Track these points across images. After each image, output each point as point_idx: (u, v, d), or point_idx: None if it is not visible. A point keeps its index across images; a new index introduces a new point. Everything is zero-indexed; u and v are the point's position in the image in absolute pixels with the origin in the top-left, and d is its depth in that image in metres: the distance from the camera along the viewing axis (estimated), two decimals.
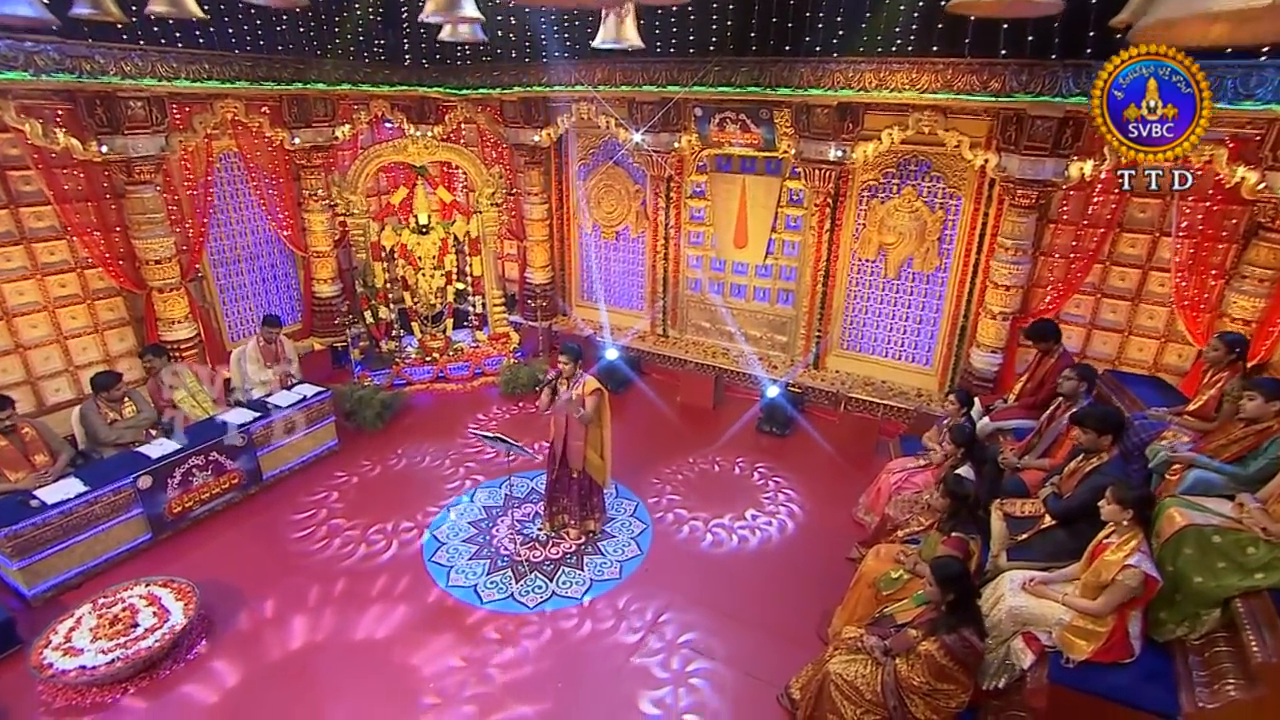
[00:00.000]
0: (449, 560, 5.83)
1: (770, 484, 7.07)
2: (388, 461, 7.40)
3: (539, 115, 9.61)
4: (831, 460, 7.59)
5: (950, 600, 3.73)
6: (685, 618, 5.28)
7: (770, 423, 8.10)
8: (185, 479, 6.11)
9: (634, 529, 6.29)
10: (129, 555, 5.80)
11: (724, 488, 6.96)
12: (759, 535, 6.26)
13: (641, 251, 10.10)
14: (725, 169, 8.96)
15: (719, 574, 5.72)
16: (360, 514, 6.47)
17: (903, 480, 6.07)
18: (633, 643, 5.05)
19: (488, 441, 5.54)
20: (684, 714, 4.49)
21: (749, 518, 6.54)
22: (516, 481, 6.88)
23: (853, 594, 5.08)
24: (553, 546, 6.02)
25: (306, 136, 8.99)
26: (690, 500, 6.76)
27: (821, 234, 8.38)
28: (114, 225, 7.57)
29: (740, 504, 6.73)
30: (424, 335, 9.58)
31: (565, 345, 5.77)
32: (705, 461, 7.48)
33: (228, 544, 6.05)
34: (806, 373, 8.88)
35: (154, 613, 4.87)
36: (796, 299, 8.98)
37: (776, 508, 6.67)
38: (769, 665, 4.85)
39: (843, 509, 6.62)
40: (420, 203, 9.24)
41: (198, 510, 6.26)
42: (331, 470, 7.22)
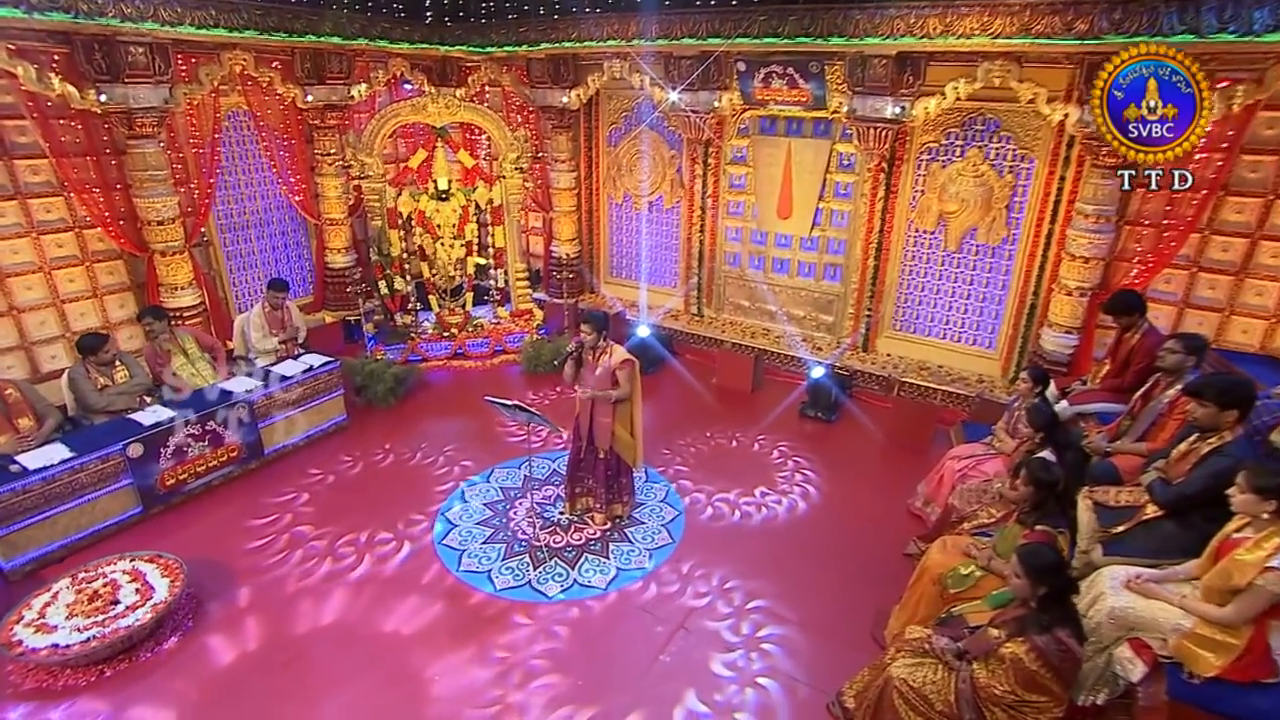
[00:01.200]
0: (461, 544, 5.50)
1: (813, 473, 6.65)
2: (398, 439, 7.12)
3: (568, 75, 9.27)
4: (883, 448, 7.14)
5: (1042, 595, 3.28)
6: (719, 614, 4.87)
7: (815, 407, 7.67)
8: (180, 450, 5.85)
9: (665, 515, 5.91)
10: (116, 529, 5.55)
11: (763, 474, 6.57)
12: (804, 528, 5.82)
13: (676, 223, 9.73)
14: (769, 131, 8.53)
15: (759, 569, 5.31)
16: (368, 493, 6.16)
17: (969, 468, 5.61)
18: (661, 637, 4.65)
19: (504, 411, 5.19)
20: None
21: (791, 508, 6.11)
22: (537, 462, 6.52)
23: (914, 591, 4.64)
24: (575, 532, 5.66)
25: (320, 95, 8.73)
26: (726, 486, 6.37)
27: (874, 202, 7.92)
28: (114, 183, 7.36)
29: (782, 493, 6.30)
30: (442, 310, 9.28)
31: (588, 313, 5.42)
32: (744, 446, 7.08)
33: (223, 521, 5.78)
34: (854, 355, 8.43)
35: (137, 589, 4.59)
36: (845, 275, 8.53)
37: (821, 499, 6.24)
38: (818, 670, 4.44)
39: (897, 500, 6.17)
40: (440, 167, 8.94)
41: (193, 484, 6.00)
42: (338, 447, 6.95)
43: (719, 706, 4.18)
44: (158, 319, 6.56)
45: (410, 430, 7.32)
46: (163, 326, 6.55)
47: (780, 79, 7.75)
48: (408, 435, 7.21)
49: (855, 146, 7.88)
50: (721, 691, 4.28)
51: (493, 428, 7.32)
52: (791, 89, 7.74)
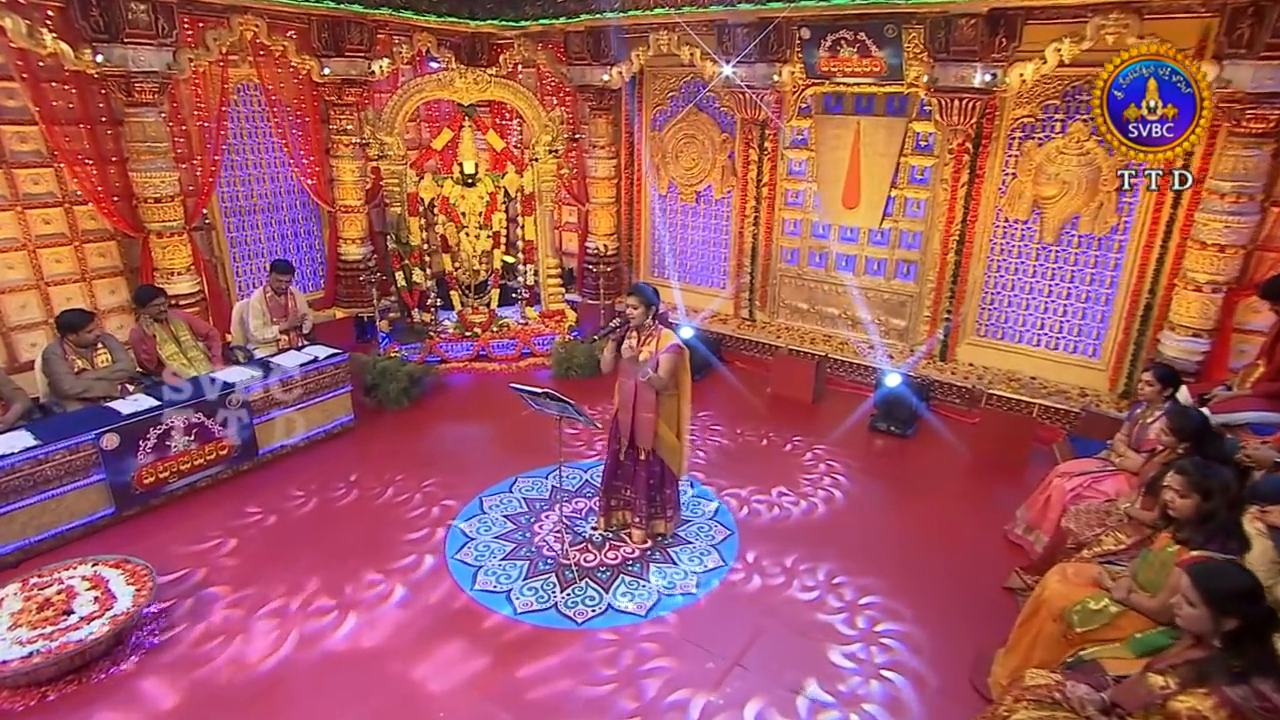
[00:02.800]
0: (477, 558, 5.01)
1: (887, 495, 6.06)
2: (409, 443, 6.72)
3: (609, 50, 8.96)
4: (970, 468, 6.53)
5: (1230, 632, 2.66)
6: (787, 652, 4.27)
7: (888, 419, 7.09)
8: (162, 443, 5.47)
9: (715, 535, 5.37)
10: (84, 531, 5.16)
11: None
12: (880, 559, 5.21)
13: (726, 216, 9.32)
14: (835, 110, 8.07)
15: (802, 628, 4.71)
16: (372, 500, 5.73)
17: (1083, 487, 4.98)
18: (713, 675, 4.08)
19: (532, 403, 4.73)
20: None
21: (864, 534, 5.52)
22: (566, 471, 6.04)
23: (1026, 631, 4.02)
24: (609, 550, 5.14)
25: (338, 68, 8.48)
26: (785, 500, 5.82)
27: (956, 188, 7.39)
28: (110, 155, 7.14)
29: (844, 525, 5.72)
30: (464, 307, 8.92)
31: (636, 285, 4.94)
32: (805, 461, 6.52)
33: (206, 526, 5.37)
34: (930, 364, 7.83)
35: (96, 598, 4.16)
36: (920, 272, 7.98)
37: (899, 525, 5.65)
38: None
39: (991, 526, 5.56)
40: (467, 149, 8.66)
41: (175, 484, 5.61)
42: (343, 450, 6.56)
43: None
44: (152, 299, 6.22)
45: (423, 431, 6.92)
46: (158, 308, 6.22)
47: (850, 47, 7.30)
48: (419, 437, 6.82)
49: (935, 124, 7.40)
50: None
51: (516, 433, 6.89)
52: (863, 58, 7.29)
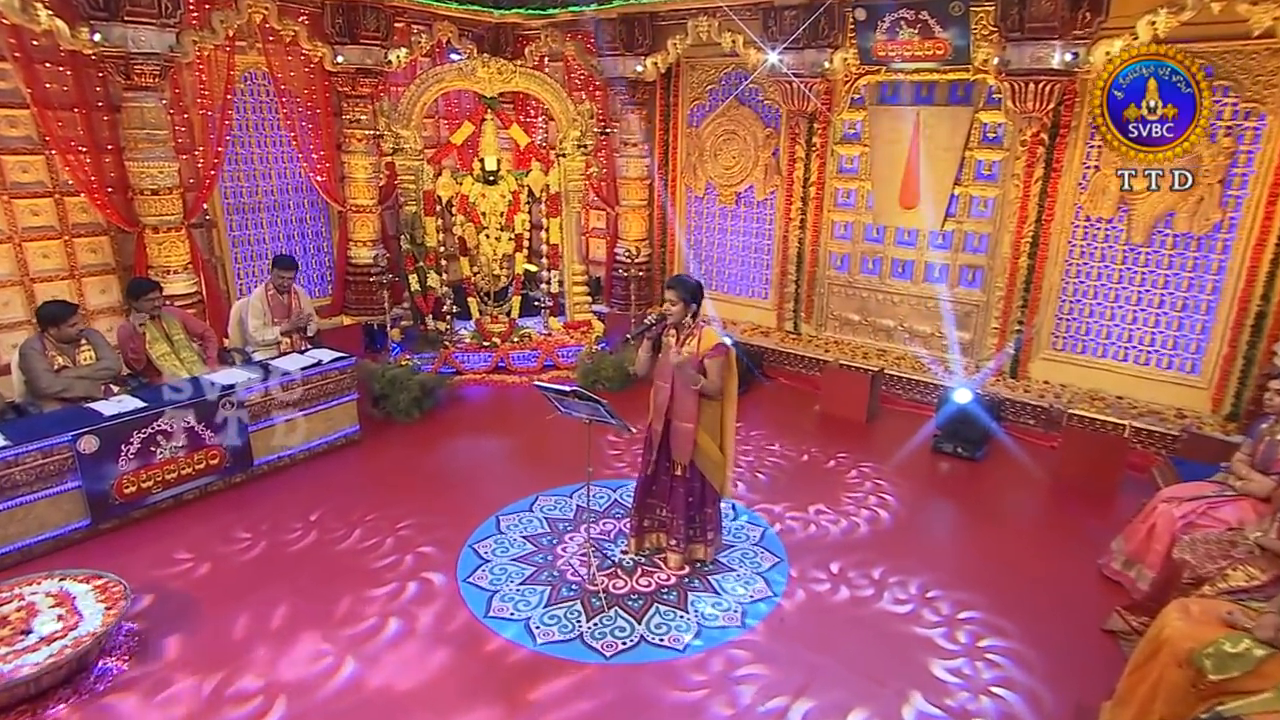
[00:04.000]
0: (492, 582, 4.68)
1: (958, 525, 5.63)
2: (420, 457, 6.45)
3: (643, 39, 8.83)
4: (1051, 495, 6.10)
5: None
6: (844, 702, 3.86)
7: (954, 440, 6.68)
8: (146, 449, 5.22)
9: (762, 563, 4.99)
10: (54, 545, 4.88)
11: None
12: (952, 594, 4.78)
13: (769, 219, 9.08)
14: (892, 100, 7.79)
15: (895, 644, 4.30)
16: (376, 518, 5.43)
17: (1196, 514, 4.54)
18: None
19: (558, 405, 4.46)
20: None
21: (932, 566, 5.11)
22: (594, 489, 5.70)
23: (1140, 679, 3.57)
24: (642, 576, 4.77)
25: (353, 56, 8.37)
26: (842, 532, 5.42)
27: (1029, 184, 7.04)
28: (106, 143, 7.04)
29: (916, 547, 5.31)
30: (483, 315, 8.67)
31: (675, 277, 4.63)
32: (861, 484, 6.13)
33: (192, 542, 5.08)
34: (1000, 381, 7.42)
35: (59, 616, 3.86)
36: (987, 279, 7.61)
37: (973, 558, 5.23)
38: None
39: (1081, 559, 5.13)
40: (488, 144, 8.47)
41: (159, 495, 5.34)
42: (347, 463, 6.30)
43: None
44: (147, 293, 6.04)
45: (436, 450, 6.65)
46: (150, 303, 6.02)
47: (910, 27, 7.03)
48: (431, 451, 6.55)
49: (1005, 113, 7.10)
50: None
51: (536, 448, 6.61)
52: (925, 40, 7.01)
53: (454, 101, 10.12)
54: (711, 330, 4.63)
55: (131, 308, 6.09)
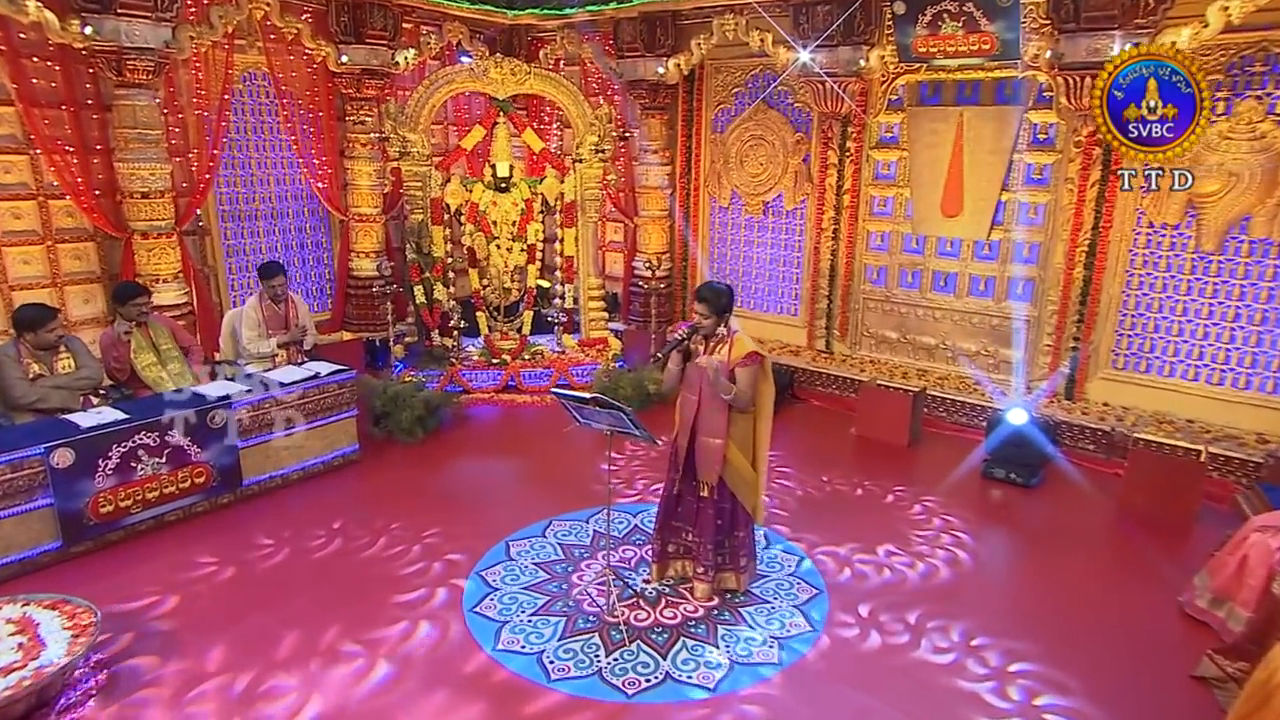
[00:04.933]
0: (501, 613, 4.48)
1: (1016, 556, 5.37)
2: (424, 478, 6.28)
3: (665, 39, 8.77)
4: (1118, 525, 5.84)
5: None
6: None
7: (1005, 465, 6.45)
8: (126, 464, 5.06)
9: (799, 595, 4.75)
10: (20, 569, 4.68)
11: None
12: (1015, 635, 4.51)
13: (799, 230, 8.95)
14: (932, 100, 7.67)
15: (946, 692, 4.03)
16: (378, 543, 5.26)
17: None
18: None
19: (576, 414, 4.33)
20: None
21: (991, 600, 4.85)
22: (612, 514, 5.47)
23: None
24: (667, 607, 4.56)
25: (358, 57, 8.34)
26: (896, 559, 5.18)
27: (1085, 189, 6.86)
28: (94, 144, 6.99)
29: (964, 586, 5.06)
30: (492, 331, 8.53)
31: (705, 286, 4.47)
32: (914, 515, 5.88)
33: (174, 567, 4.90)
34: (1054, 403, 7.20)
35: (20, 645, 3.66)
36: (1039, 292, 7.42)
37: (1035, 594, 4.97)
38: None
39: (1160, 597, 4.85)
40: (500, 149, 8.40)
41: (138, 515, 5.18)
42: (345, 485, 6.14)
43: None
44: (134, 297, 5.92)
45: (440, 471, 6.48)
46: (136, 310, 5.90)
47: (954, 21, 6.88)
48: (436, 472, 6.37)
49: (1058, 112, 6.95)
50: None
51: (550, 471, 6.45)
52: (970, 34, 6.87)
53: (464, 107, 10.08)
54: (744, 338, 4.48)
55: (117, 314, 5.97)
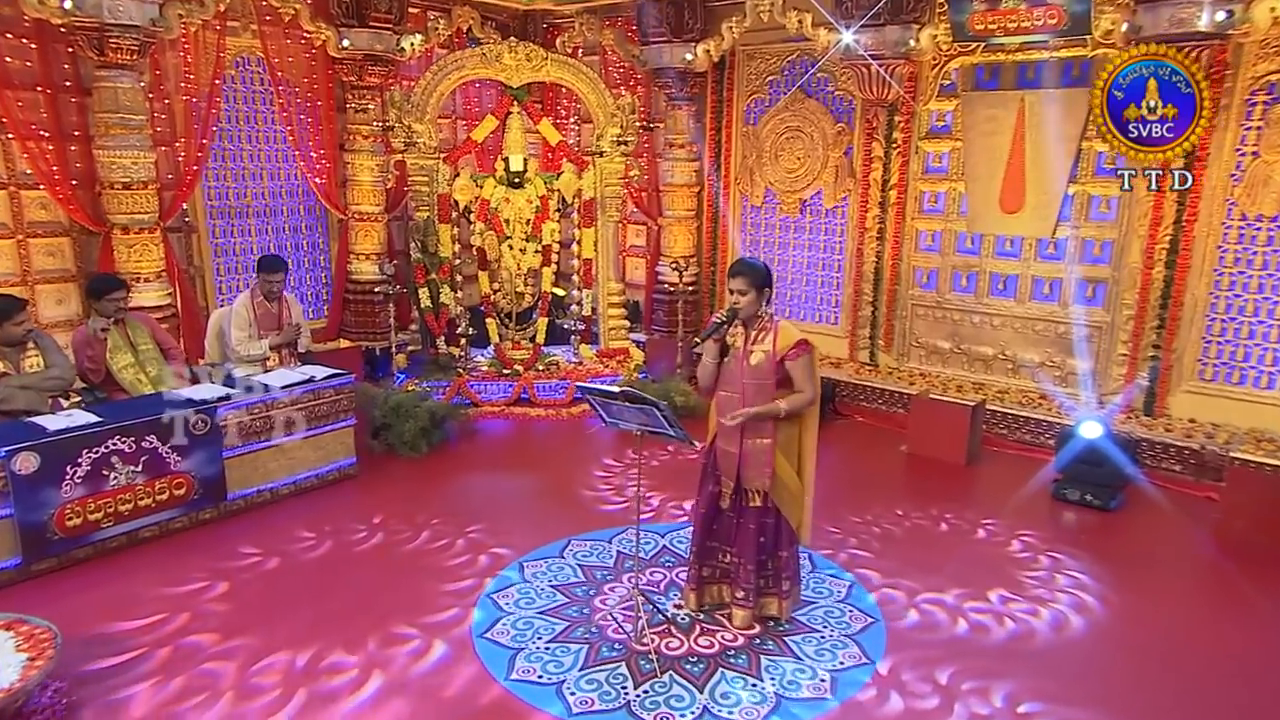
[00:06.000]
0: (515, 639, 4.31)
1: (1101, 585, 5.09)
2: (427, 494, 6.15)
3: (694, 22, 8.70)
4: (1218, 557, 5.55)
5: None
6: None
7: (1080, 486, 6.21)
8: (97, 472, 4.92)
9: (851, 623, 4.53)
10: None
11: (1007, 576, 5.15)
12: (1109, 673, 4.26)
13: (840, 230, 8.84)
14: (989, 85, 7.56)
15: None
16: (377, 565, 5.13)
17: None
18: None
19: (603, 411, 4.16)
20: None
21: (1081, 634, 4.60)
22: (627, 533, 5.26)
23: None
24: (702, 635, 4.36)
25: (360, 41, 8.27)
26: (951, 589, 4.94)
27: (1166, 179, 6.61)
28: (72, 130, 6.96)
29: (1048, 606, 4.83)
30: (503, 339, 8.44)
31: (740, 262, 4.32)
32: (970, 535, 5.68)
33: (147, 586, 4.73)
34: (1132, 419, 7.00)
35: None
36: (1112, 295, 7.24)
37: (1126, 627, 4.71)
38: None
39: (1274, 633, 4.55)
40: (514, 141, 8.41)
41: (109, 530, 5.02)
42: (342, 500, 6.01)
43: None
44: (109, 291, 5.81)
45: (445, 486, 6.38)
46: (113, 306, 5.80)
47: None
48: (441, 492, 6.24)
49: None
50: None
51: (567, 488, 6.34)
52: (1034, 8, 6.76)
53: (473, 99, 10.04)
54: (789, 325, 4.31)
55: (92, 309, 5.87)
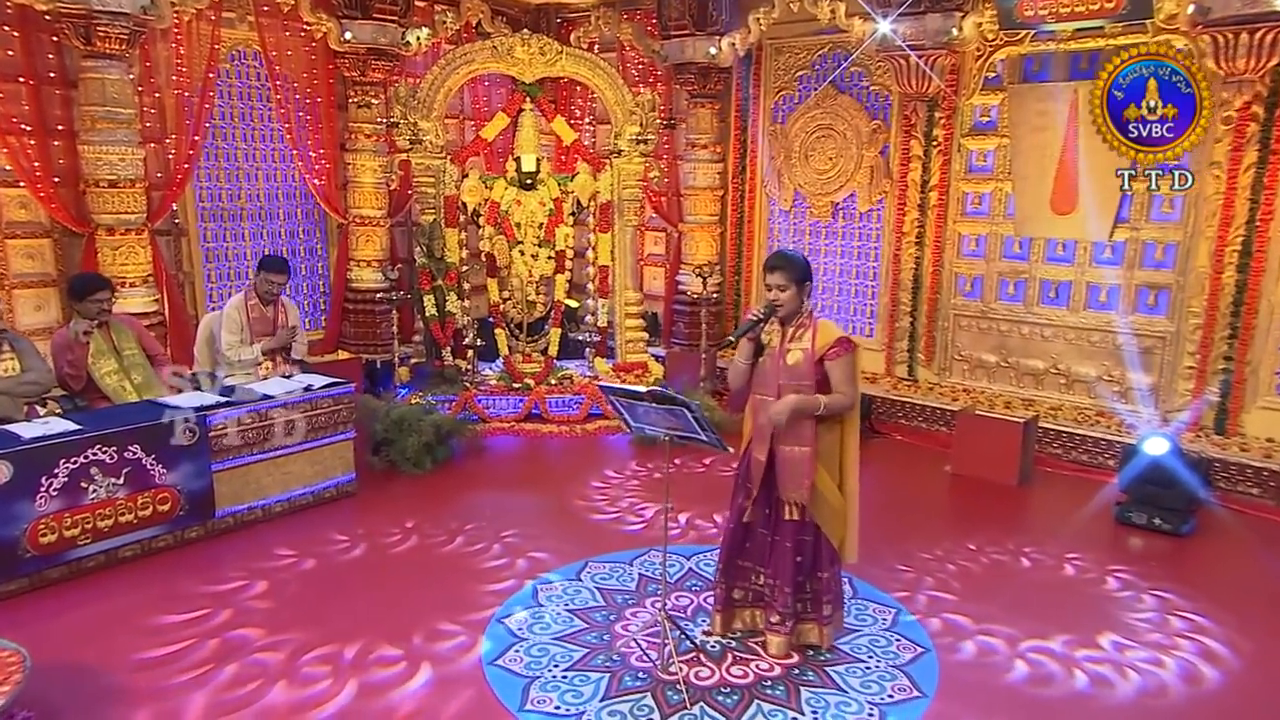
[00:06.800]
0: (530, 667, 4.20)
1: (1200, 619, 4.92)
2: (434, 513, 6.09)
3: (718, 14, 8.71)
4: None
5: None
6: None
7: (1148, 508, 6.06)
8: (75, 485, 4.85)
9: (899, 654, 4.39)
10: None
11: (1080, 609, 5.00)
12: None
13: (876, 235, 8.79)
14: (1039, 76, 7.50)
15: None
16: (376, 589, 5.04)
17: None
18: None
19: (627, 413, 4.21)
20: None
21: (1186, 675, 4.40)
22: (649, 555, 5.31)
23: None
24: (734, 664, 4.23)
25: (364, 34, 8.25)
26: (1008, 620, 4.79)
27: (1237, 174, 6.56)
28: (56, 124, 6.92)
29: (1152, 649, 4.65)
30: (513, 351, 8.41)
31: (778, 254, 4.25)
32: (1060, 574, 5.49)
33: (125, 611, 4.64)
34: (1201, 438, 6.85)
35: None
36: (1177, 302, 7.10)
37: (1269, 679, 4.47)
38: None
39: None
40: (527, 139, 8.38)
41: (85, 548, 4.94)
42: (338, 519, 5.96)
43: None
44: (93, 291, 5.78)
45: (452, 505, 6.29)
46: (98, 305, 5.77)
47: None
48: (448, 510, 6.15)
49: (1202, 79, 6.56)
50: None
51: (583, 507, 6.29)
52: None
53: (481, 99, 10.01)
54: (829, 322, 4.25)
55: (74, 311, 5.81)
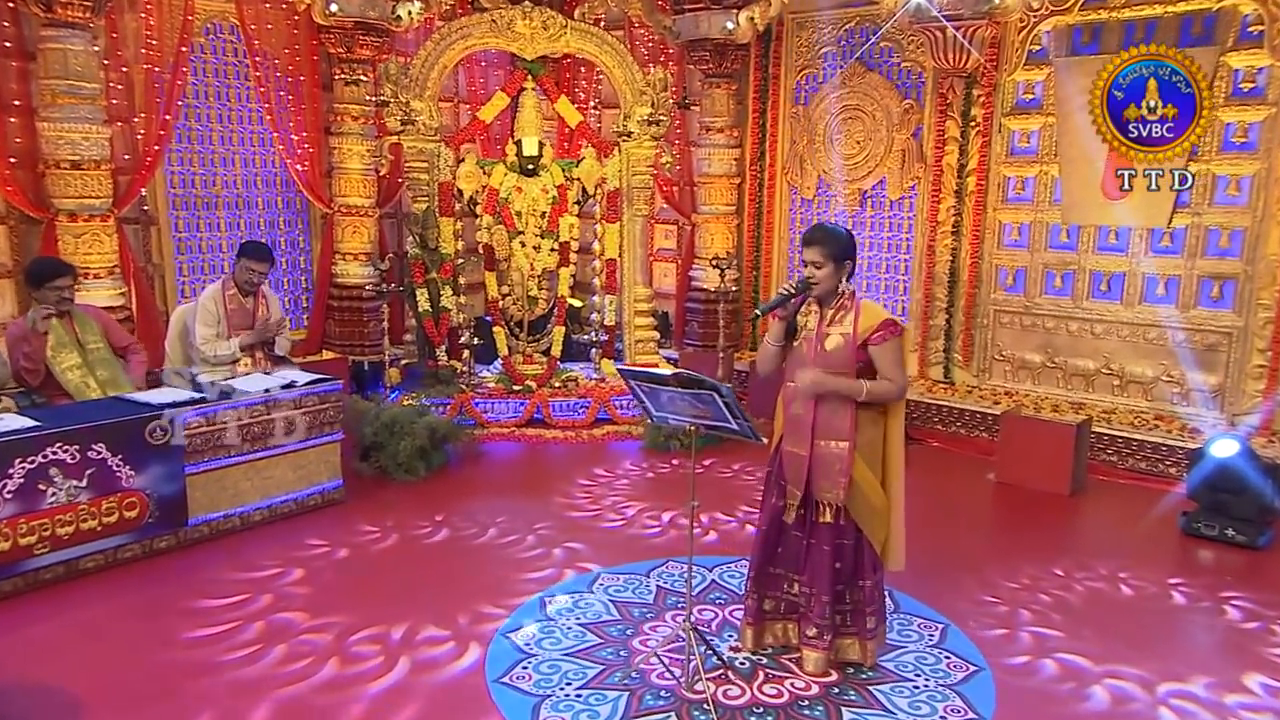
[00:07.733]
0: (540, 684, 4.09)
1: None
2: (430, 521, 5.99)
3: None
4: None
5: None
6: None
7: (1219, 519, 5.96)
8: (32, 486, 4.73)
9: (950, 673, 4.27)
10: None
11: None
12: None
13: (908, 225, 8.81)
14: (1088, 49, 7.45)
15: None
16: (368, 603, 4.92)
17: None
18: None
19: (649, 401, 3.97)
20: None
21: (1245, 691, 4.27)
22: (667, 566, 5.26)
23: None
24: (767, 683, 4.12)
25: (351, 7, 8.16)
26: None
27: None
28: (12, 100, 6.84)
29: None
30: (514, 351, 8.38)
31: (818, 228, 4.12)
32: (1168, 603, 5.29)
33: (86, 628, 4.55)
34: (1273, 441, 6.77)
35: None
36: (1244, 294, 7.04)
37: None
38: None
39: None
40: (528, 121, 8.34)
41: (43, 557, 4.81)
42: (323, 529, 5.84)
43: None
44: (55, 277, 5.65)
45: (449, 511, 6.18)
46: (57, 294, 5.64)
47: None
48: (445, 519, 6.06)
49: (1272, 51, 6.61)
50: None
51: (593, 515, 6.27)
52: None
53: (478, 80, 9.97)
54: (873, 303, 4.15)
55: (32, 299, 5.72)
